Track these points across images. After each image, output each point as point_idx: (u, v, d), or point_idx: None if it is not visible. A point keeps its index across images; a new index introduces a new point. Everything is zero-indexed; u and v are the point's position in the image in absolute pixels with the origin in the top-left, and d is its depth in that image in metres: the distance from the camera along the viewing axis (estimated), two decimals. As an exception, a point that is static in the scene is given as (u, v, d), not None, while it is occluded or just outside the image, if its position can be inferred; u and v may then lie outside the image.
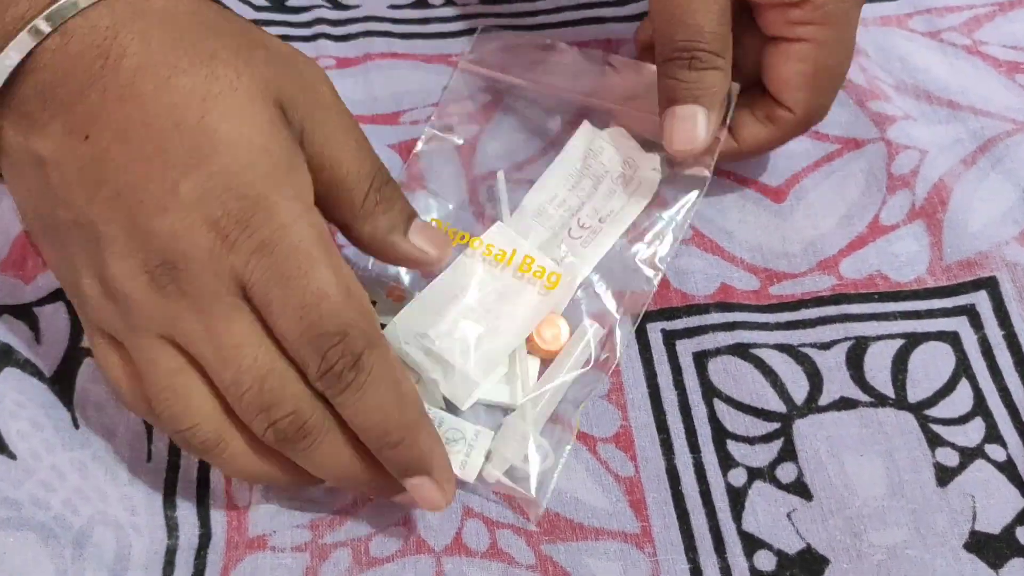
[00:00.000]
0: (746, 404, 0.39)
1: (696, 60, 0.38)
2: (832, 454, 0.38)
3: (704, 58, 0.38)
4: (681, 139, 0.39)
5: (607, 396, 0.39)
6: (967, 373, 0.40)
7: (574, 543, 0.36)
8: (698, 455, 0.38)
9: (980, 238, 0.43)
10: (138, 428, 0.39)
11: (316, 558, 0.36)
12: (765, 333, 0.41)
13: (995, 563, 0.35)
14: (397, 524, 0.37)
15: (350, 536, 0.36)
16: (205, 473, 0.38)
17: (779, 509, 0.37)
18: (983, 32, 0.50)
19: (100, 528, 0.36)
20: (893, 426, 0.38)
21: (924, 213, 0.44)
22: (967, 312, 0.41)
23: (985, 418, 0.39)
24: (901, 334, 0.41)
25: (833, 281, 0.42)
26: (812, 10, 0.38)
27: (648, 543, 0.36)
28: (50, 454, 0.38)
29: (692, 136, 0.39)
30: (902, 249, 0.43)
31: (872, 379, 0.39)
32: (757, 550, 0.36)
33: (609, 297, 0.41)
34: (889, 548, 0.36)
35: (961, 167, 0.45)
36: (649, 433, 0.39)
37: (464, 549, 0.36)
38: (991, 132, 0.46)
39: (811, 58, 0.39)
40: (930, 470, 0.37)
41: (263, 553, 0.36)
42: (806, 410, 0.39)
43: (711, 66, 0.38)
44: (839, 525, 0.36)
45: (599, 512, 0.37)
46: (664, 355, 0.40)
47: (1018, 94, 0.47)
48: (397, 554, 0.36)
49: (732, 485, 0.37)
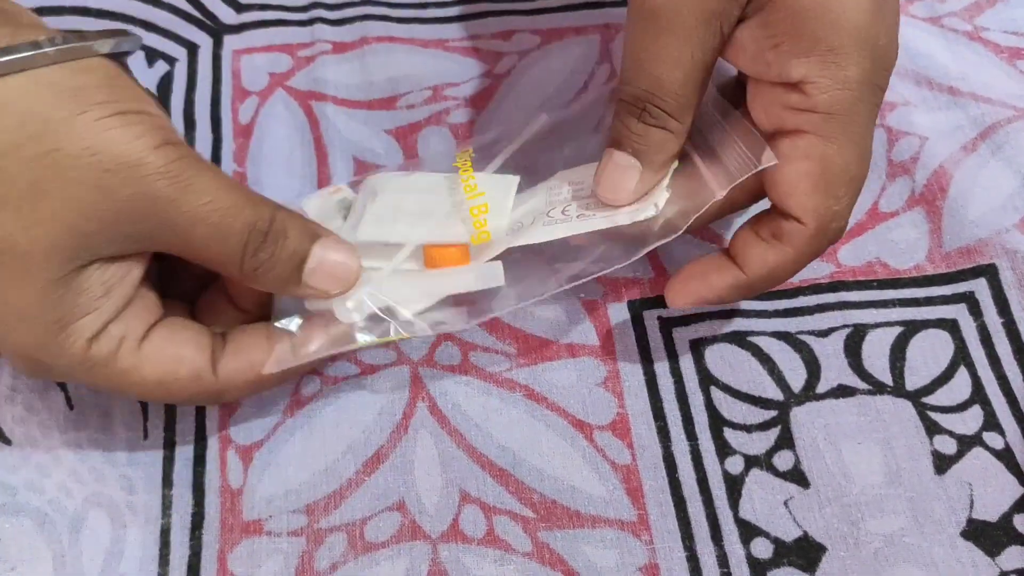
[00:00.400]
0: (743, 392, 0.39)
1: (647, 114, 0.35)
2: (830, 442, 0.38)
3: (656, 115, 0.35)
4: (609, 186, 0.36)
5: (603, 383, 0.39)
6: (966, 361, 0.40)
7: (571, 530, 0.36)
8: (695, 443, 0.38)
9: (980, 225, 0.43)
10: (133, 407, 0.39)
11: (312, 543, 0.36)
12: (763, 320, 0.41)
13: (992, 551, 0.35)
14: (392, 508, 0.37)
15: (345, 521, 0.36)
16: (202, 451, 0.38)
17: (776, 497, 0.37)
18: (984, 18, 0.49)
19: (95, 510, 0.37)
20: (891, 414, 0.38)
21: (924, 200, 0.43)
22: (966, 299, 0.41)
23: (983, 406, 0.38)
24: (900, 321, 0.40)
25: (831, 268, 0.42)
26: (810, 96, 0.33)
27: (645, 531, 0.36)
28: (46, 437, 0.38)
29: (621, 187, 0.36)
30: (901, 236, 0.43)
31: (870, 366, 0.39)
32: (754, 538, 0.36)
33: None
34: (886, 536, 0.36)
35: (961, 154, 0.45)
36: (646, 421, 0.38)
37: (461, 535, 0.36)
38: (992, 119, 0.45)
39: (816, 155, 0.34)
40: (928, 458, 0.37)
41: (259, 538, 0.36)
42: (804, 398, 0.39)
43: (661, 125, 0.35)
44: (836, 513, 0.36)
45: (596, 500, 0.37)
46: (661, 343, 0.40)
47: (1019, 80, 0.47)
48: (392, 540, 0.36)
49: (729, 473, 0.37)
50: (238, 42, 0.49)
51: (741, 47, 0.35)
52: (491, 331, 0.41)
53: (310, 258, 0.34)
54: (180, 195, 0.32)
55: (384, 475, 0.37)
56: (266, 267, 0.34)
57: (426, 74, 0.48)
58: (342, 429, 0.38)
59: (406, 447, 0.38)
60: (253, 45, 0.49)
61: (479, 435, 0.38)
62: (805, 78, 0.33)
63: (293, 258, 0.34)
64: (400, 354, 0.40)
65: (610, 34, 0.49)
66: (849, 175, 0.34)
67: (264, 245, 0.33)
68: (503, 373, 0.40)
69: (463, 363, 0.40)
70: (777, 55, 0.34)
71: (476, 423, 0.39)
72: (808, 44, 0.33)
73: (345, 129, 0.46)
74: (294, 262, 0.34)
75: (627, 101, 0.35)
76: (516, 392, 0.39)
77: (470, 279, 0.37)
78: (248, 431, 0.39)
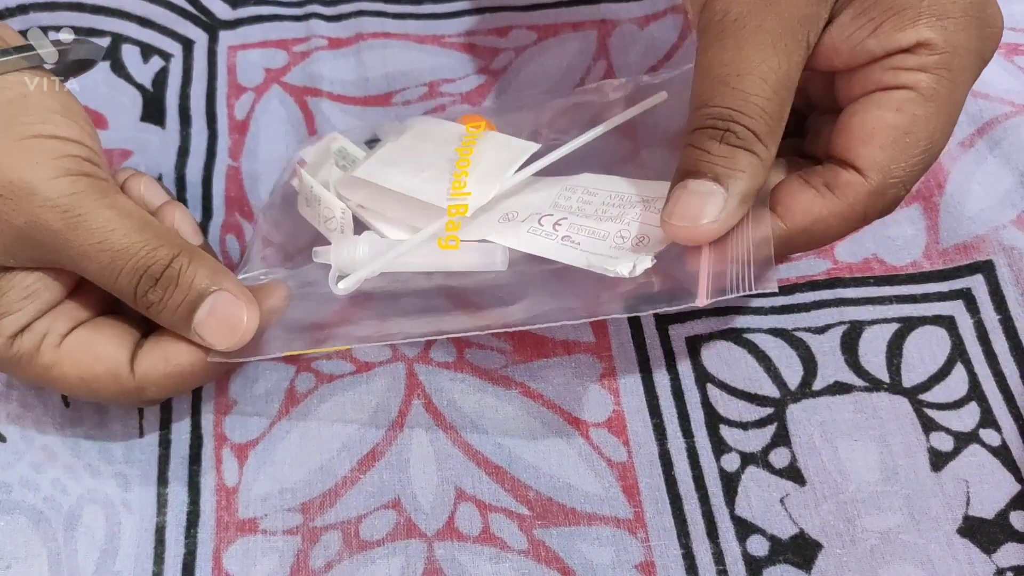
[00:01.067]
0: (739, 389, 0.39)
1: (731, 135, 0.30)
2: (826, 439, 0.38)
3: (742, 136, 0.30)
4: (683, 213, 0.31)
5: (599, 381, 0.39)
6: (962, 358, 0.39)
7: (566, 528, 0.36)
8: (691, 440, 0.38)
9: (977, 221, 0.42)
10: (129, 407, 0.39)
11: (307, 541, 0.36)
12: (759, 317, 0.40)
13: (988, 548, 0.35)
14: (387, 507, 0.37)
15: (340, 519, 0.36)
16: (197, 450, 0.38)
17: (772, 494, 0.37)
18: (982, 13, 0.49)
19: (90, 507, 0.37)
20: (887, 411, 0.38)
21: (921, 196, 0.43)
22: (963, 296, 0.41)
23: (980, 403, 0.38)
24: (896, 318, 0.40)
25: (828, 265, 0.42)
26: (930, 54, 0.30)
27: (641, 528, 0.36)
28: (42, 435, 0.38)
29: (698, 213, 0.30)
30: (898, 233, 0.43)
31: (867, 363, 0.39)
32: (750, 535, 0.36)
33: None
34: (883, 533, 0.36)
35: (959, 150, 0.44)
36: (642, 418, 0.38)
37: (456, 533, 0.36)
38: (989, 114, 0.45)
39: (910, 110, 0.30)
40: (924, 455, 0.37)
41: (254, 536, 0.36)
42: (800, 395, 0.39)
43: (748, 148, 0.30)
44: (832, 510, 0.36)
45: (591, 497, 0.37)
46: (657, 340, 0.40)
47: (1017, 76, 0.47)
48: (387, 538, 0.36)
49: (725, 470, 0.37)
50: (233, 38, 0.49)
51: (833, 49, 0.32)
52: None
53: (200, 308, 0.34)
54: (69, 231, 0.32)
55: (379, 473, 0.37)
56: (156, 309, 0.34)
57: (422, 70, 0.48)
58: (337, 427, 0.38)
59: (401, 445, 0.38)
60: (248, 41, 0.49)
61: (474, 432, 0.38)
62: (919, 40, 0.30)
63: (184, 306, 0.34)
64: (395, 351, 0.40)
65: (607, 29, 0.49)
66: (930, 141, 0.31)
67: (154, 290, 0.33)
68: (499, 370, 0.40)
69: (458, 360, 0.40)
70: (878, 38, 0.31)
71: (471, 420, 0.38)
72: (913, 15, 0.31)
73: (340, 125, 0.46)
74: (185, 310, 0.34)
75: (704, 126, 0.31)
76: (512, 389, 0.39)
77: (472, 258, 0.36)
78: (243, 429, 0.39)
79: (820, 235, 0.32)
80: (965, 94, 0.32)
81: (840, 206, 0.31)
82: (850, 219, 0.32)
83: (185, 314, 0.34)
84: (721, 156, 0.30)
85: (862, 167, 0.31)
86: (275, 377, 0.40)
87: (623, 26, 0.49)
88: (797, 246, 0.32)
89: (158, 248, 0.33)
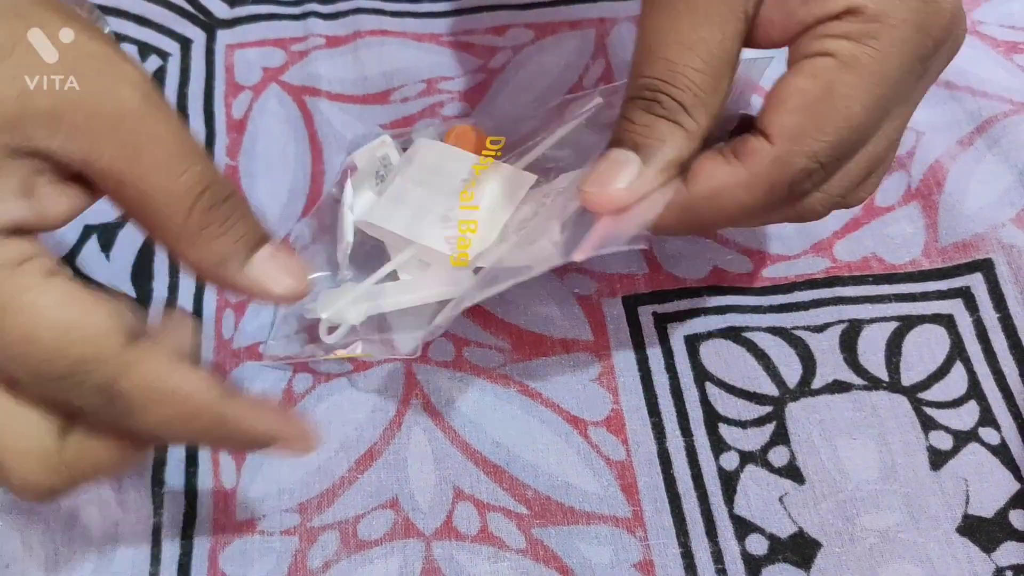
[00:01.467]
0: (738, 387, 0.39)
1: (656, 104, 0.30)
2: (825, 437, 0.38)
3: (668, 105, 0.30)
4: (596, 180, 0.30)
5: (598, 379, 0.39)
6: (961, 356, 0.39)
7: (565, 527, 0.36)
8: (690, 439, 0.38)
9: (976, 220, 0.42)
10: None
11: (304, 541, 0.36)
12: (758, 316, 0.40)
13: (988, 546, 0.35)
14: (385, 506, 0.36)
15: (338, 519, 0.36)
16: (194, 451, 0.38)
17: (771, 493, 0.37)
18: (981, 12, 0.49)
19: (87, 508, 0.37)
20: (886, 409, 0.38)
21: (920, 195, 0.43)
22: (962, 295, 0.41)
23: (979, 401, 0.38)
24: (895, 317, 0.40)
25: (827, 263, 0.42)
26: (856, 21, 0.29)
27: (639, 527, 0.36)
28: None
29: (609, 180, 0.30)
30: (897, 231, 0.43)
31: (866, 362, 0.39)
32: (749, 534, 0.36)
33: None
34: (882, 532, 0.36)
35: (958, 148, 0.44)
36: (640, 416, 0.38)
37: (454, 533, 0.36)
38: (988, 113, 0.45)
39: (826, 78, 0.29)
40: (923, 453, 0.37)
41: (252, 537, 0.36)
42: (799, 393, 0.39)
43: (671, 118, 0.30)
44: (831, 509, 0.36)
45: (590, 496, 0.37)
46: (655, 338, 0.40)
47: (1016, 74, 0.47)
48: (385, 537, 0.36)
49: (724, 469, 0.37)
50: (231, 37, 0.49)
51: (769, 21, 0.31)
52: (485, 327, 0.40)
53: (264, 248, 0.30)
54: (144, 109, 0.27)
55: (377, 472, 0.37)
56: (213, 230, 0.28)
57: (420, 68, 0.48)
58: (335, 427, 0.38)
59: (399, 444, 0.38)
60: (246, 39, 0.49)
61: (473, 432, 0.38)
62: (848, 7, 0.30)
63: (248, 238, 0.29)
64: (394, 350, 0.40)
65: (605, 28, 0.49)
66: (847, 116, 0.30)
67: (219, 207, 0.28)
68: (497, 369, 0.39)
69: (456, 359, 0.40)
70: (808, 5, 0.30)
71: (470, 419, 0.38)
72: None
73: (339, 123, 0.46)
74: (247, 242, 0.29)
75: (634, 96, 0.31)
76: (510, 388, 0.39)
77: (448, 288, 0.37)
78: (241, 428, 0.38)
79: (726, 205, 0.31)
80: (899, 68, 0.30)
81: (743, 174, 0.30)
82: (754, 188, 0.30)
83: (245, 247, 0.29)
84: (643, 125, 0.30)
85: (770, 133, 0.30)
86: (272, 378, 0.40)
87: (621, 24, 0.49)
88: (702, 214, 0.31)
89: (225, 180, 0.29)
